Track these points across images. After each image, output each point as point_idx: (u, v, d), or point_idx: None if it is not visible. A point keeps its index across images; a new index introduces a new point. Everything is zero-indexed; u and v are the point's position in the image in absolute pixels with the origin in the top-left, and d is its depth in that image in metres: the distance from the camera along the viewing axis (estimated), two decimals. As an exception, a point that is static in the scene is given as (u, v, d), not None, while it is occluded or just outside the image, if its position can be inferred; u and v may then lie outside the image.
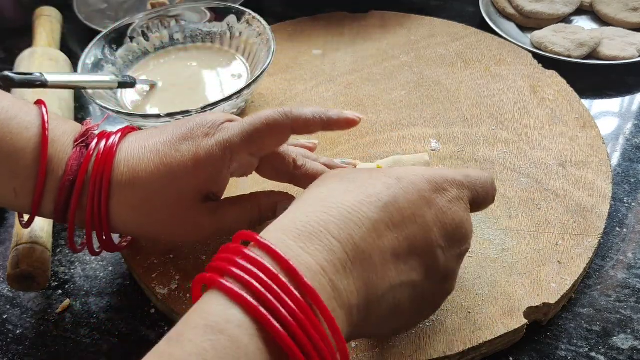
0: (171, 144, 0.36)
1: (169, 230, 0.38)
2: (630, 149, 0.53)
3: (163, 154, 0.36)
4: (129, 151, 0.37)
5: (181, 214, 0.37)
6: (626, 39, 0.63)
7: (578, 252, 0.42)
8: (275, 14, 0.70)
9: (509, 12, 0.68)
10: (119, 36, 0.57)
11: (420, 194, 0.30)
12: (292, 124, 0.37)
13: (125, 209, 0.36)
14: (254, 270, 0.25)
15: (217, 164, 0.36)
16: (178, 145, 0.36)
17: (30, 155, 0.35)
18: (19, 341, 0.41)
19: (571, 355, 0.39)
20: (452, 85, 0.57)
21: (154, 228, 0.37)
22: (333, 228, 0.27)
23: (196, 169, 0.36)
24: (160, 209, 0.36)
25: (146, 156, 0.36)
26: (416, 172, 0.31)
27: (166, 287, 0.41)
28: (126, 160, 0.36)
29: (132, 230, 0.39)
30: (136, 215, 0.37)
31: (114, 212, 0.36)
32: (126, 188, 0.36)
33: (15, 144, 0.35)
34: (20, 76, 0.43)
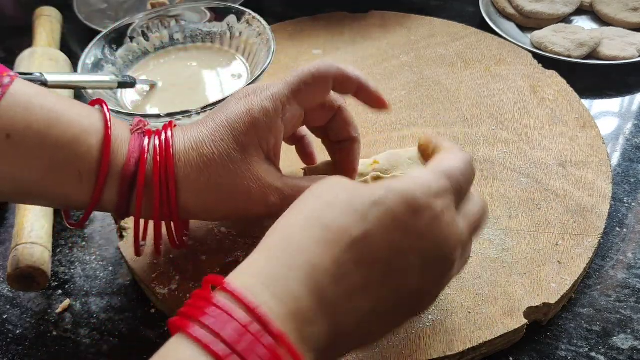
0: (224, 111, 0.37)
1: (237, 203, 0.37)
2: (630, 149, 0.53)
3: (219, 120, 0.37)
4: (183, 142, 0.37)
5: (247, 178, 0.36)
6: (626, 39, 0.63)
7: (578, 252, 0.42)
8: (275, 14, 0.70)
9: (509, 12, 0.68)
10: (119, 36, 0.57)
11: (395, 221, 0.28)
12: (335, 75, 0.39)
13: (193, 196, 0.36)
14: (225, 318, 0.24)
15: (271, 114, 0.37)
16: (231, 107, 0.37)
17: (94, 137, 0.35)
18: (19, 341, 0.41)
19: (571, 355, 0.39)
20: (452, 85, 0.57)
21: (223, 205, 0.37)
22: (301, 274, 0.26)
23: (252, 121, 0.36)
24: (226, 178, 0.36)
25: (204, 135, 0.36)
26: (396, 192, 0.29)
27: (166, 287, 0.41)
28: (185, 150, 0.36)
29: (201, 214, 0.39)
30: (205, 198, 0.36)
31: (183, 201, 0.36)
32: (191, 174, 0.36)
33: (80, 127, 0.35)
34: (20, 76, 0.43)
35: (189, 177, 0.36)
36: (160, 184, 0.35)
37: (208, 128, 0.37)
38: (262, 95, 0.37)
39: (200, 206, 0.37)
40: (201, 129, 0.37)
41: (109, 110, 0.37)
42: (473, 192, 0.34)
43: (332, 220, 0.27)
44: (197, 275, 0.42)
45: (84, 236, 0.48)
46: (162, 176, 0.35)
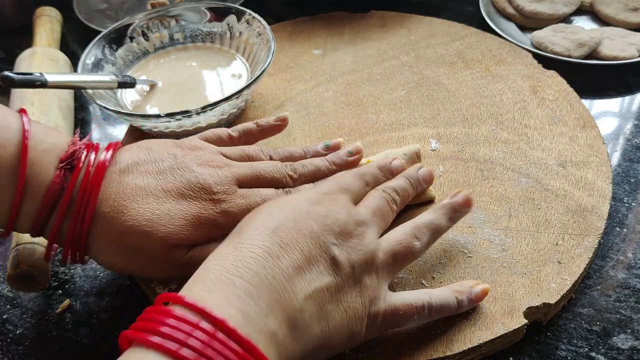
0: (172, 195, 0.36)
1: (142, 269, 0.38)
2: (630, 149, 0.53)
3: (162, 204, 0.36)
4: (121, 184, 0.36)
5: (159, 256, 0.36)
6: (626, 39, 0.63)
7: (578, 252, 0.42)
8: (275, 14, 0.70)
9: (509, 12, 0.68)
10: (119, 36, 0.57)
11: (299, 210, 0.33)
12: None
13: (103, 242, 0.36)
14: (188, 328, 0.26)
15: (219, 230, 0.37)
16: (180, 200, 0.36)
17: (6, 175, 0.34)
18: (19, 341, 0.41)
19: (571, 355, 0.39)
20: (452, 85, 0.57)
21: (127, 265, 0.37)
22: (231, 267, 0.29)
23: (196, 229, 0.36)
24: (140, 250, 0.36)
25: (140, 198, 0.35)
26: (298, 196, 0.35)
27: (166, 287, 0.41)
28: (117, 193, 0.35)
29: (105, 261, 0.38)
30: (112, 250, 0.36)
31: (92, 240, 0.36)
32: (110, 222, 0.35)
33: None
34: (20, 76, 0.43)
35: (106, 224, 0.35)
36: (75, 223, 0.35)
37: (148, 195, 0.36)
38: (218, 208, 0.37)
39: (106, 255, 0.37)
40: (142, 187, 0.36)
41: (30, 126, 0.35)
42: None
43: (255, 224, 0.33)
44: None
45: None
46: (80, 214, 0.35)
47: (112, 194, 0.35)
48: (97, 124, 0.60)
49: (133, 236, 0.35)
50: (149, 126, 0.51)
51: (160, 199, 0.36)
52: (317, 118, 0.55)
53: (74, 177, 0.35)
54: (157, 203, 0.36)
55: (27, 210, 0.35)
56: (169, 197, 0.36)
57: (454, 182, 0.47)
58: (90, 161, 0.36)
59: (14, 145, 0.34)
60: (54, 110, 0.53)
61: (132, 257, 0.36)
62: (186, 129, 0.51)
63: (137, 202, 0.35)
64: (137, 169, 0.37)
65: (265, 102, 0.57)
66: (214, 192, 0.37)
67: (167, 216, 0.35)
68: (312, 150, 0.44)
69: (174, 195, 0.36)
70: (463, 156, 0.50)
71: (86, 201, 0.35)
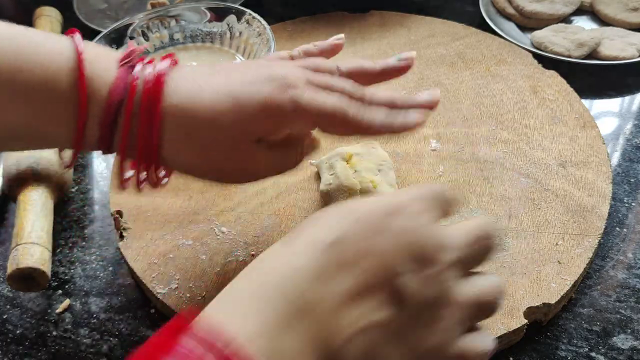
0: (244, 83, 0.34)
1: (218, 167, 0.36)
2: (630, 149, 0.53)
3: (234, 89, 0.34)
4: (186, 79, 0.34)
5: (237, 153, 0.35)
6: (626, 39, 0.63)
7: (578, 252, 0.42)
8: (275, 14, 0.70)
9: (509, 12, 0.68)
10: (119, 36, 0.57)
11: (371, 221, 0.27)
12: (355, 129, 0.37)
13: (177, 140, 0.34)
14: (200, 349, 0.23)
15: (286, 120, 0.35)
16: (252, 86, 0.34)
17: (66, 79, 0.32)
18: (19, 341, 0.41)
19: (571, 355, 0.39)
20: (452, 85, 0.57)
21: (203, 162, 0.35)
22: (278, 280, 0.25)
23: (265, 115, 0.34)
24: (217, 146, 0.34)
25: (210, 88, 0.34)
26: (371, 201, 0.29)
27: (166, 287, 0.41)
28: (184, 86, 0.34)
29: (181, 163, 0.36)
30: (187, 146, 0.34)
31: (164, 143, 0.34)
32: (183, 115, 0.33)
33: (51, 69, 0.32)
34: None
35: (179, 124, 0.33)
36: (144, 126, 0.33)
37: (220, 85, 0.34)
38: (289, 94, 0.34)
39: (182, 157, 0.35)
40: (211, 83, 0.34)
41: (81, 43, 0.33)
42: None
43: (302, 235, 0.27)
44: (197, 275, 0.42)
45: (84, 236, 0.48)
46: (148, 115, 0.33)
47: (179, 87, 0.34)
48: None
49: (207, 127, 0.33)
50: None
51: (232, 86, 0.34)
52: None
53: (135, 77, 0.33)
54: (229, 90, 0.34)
55: (94, 113, 0.33)
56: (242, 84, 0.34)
57: (454, 182, 0.47)
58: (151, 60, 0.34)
59: (70, 50, 0.33)
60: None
61: (208, 153, 0.35)
62: (186, 129, 0.51)
63: (207, 92, 0.34)
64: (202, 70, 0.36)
65: (265, 102, 0.57)
66: (285, 76, 0.35)
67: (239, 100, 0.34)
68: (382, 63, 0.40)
69: (246, 83, 0.34)
70: (463, 156, 0.50)
71: (153, 95, 0.33)
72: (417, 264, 0.27)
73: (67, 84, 0.32)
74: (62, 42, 0.33)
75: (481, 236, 0.30)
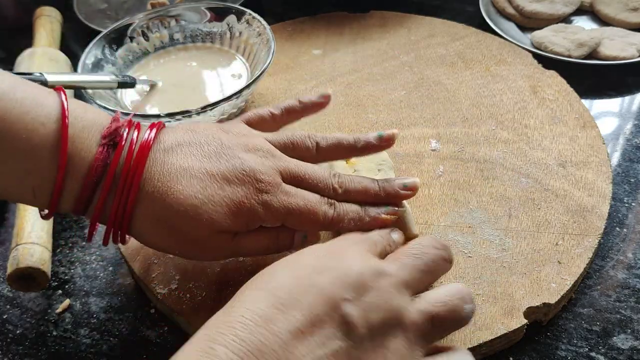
0: (216, 179, 0.35)
1: (185, 251, 0.37)
2: (630, 149, 0.53)
3: (206, 188, 0.34)
4: (165, 164, 0.35)
5: (202, 240, 0.35)
6: (626, 39, 0.63)
7: (578, 252, 0.42)
8: (275, 14, 0.70)
9: (509, 12, 0.68)
10: (119, 36, 0.57)
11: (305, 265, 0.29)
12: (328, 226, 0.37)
13: (147, 221, 0.35)
14: None
15: (257, 221, 0.36)
16: (224, 185, 0.35)
17: (47, 154, 0.33)
18: (19, 341, 0.41)
19: (571, 355, 0.39)
20: (452, 85, 0.57)
21: (170, 245, 0.36)
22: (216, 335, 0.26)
23: (235, 217, 0.35)
24: (183, 233, 0.35)
25: (185, 180, 0.34)
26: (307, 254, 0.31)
27: (166, 287, 0.41)
28: (162, 173, 0.34)
29: (148, 241, 0.37)
30: (156, 230, 0.35)
31: (135, 220, 0.35)
32: (154, 203, 0.34)
33: (31, 141, 0.32)
34: (20, 76, 0.43)
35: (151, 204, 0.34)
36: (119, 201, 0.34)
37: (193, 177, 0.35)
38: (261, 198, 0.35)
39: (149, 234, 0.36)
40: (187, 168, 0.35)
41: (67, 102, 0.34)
42: None
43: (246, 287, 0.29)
44: (197, 275, 0.42)
45: (84, 236, 0.48)
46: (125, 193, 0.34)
47: (156, 173, 0.34)
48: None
49: (177, 219, 0.34)
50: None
51: (205, 182, 0.34)
52: (317, 118, 0.55)
53: (117, 155, 0.34)
54: (202, 187, 0.34)
55: (70, 189, 0.34)
56: (213, 182, 0.35)
57: (454, 182, 0.47)
58: (133, 139, 0.35)
59: (53, 122, 0.33)
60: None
61: (175, 239, 0.35)
62: (186, 129, 0.51)
63: (182, 184, 0.34)
64: (181, 150, 0.36)
65: (265, 102, 0.57)
66: (258, 179, 0.35)
67: (210, 201, 0.34)
68: (363, 139, 0.40)
69: (218, 180, 0.35)
70: (463, 156, 0.50)
71: (130, 179, 0.34)
72: (356, 291, 0.28)
73: (48, 159, 0.33)
74: (47, 109, 0.33)
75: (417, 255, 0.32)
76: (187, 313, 0.39)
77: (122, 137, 0.34)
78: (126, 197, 0.34)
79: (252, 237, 0.37)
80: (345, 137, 0.40)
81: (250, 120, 0.41)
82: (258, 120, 0.41)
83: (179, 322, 0.41)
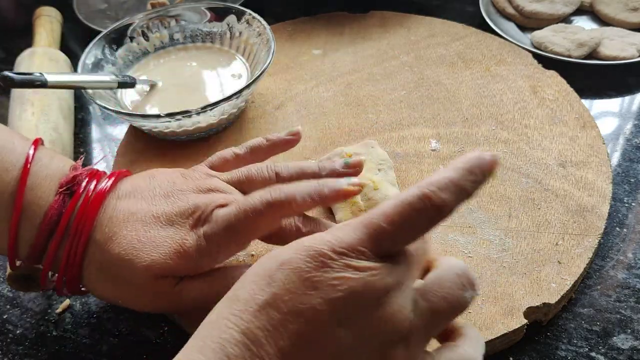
0: (160, 221, 0.35)
1: (129, 299, 0.36)
2: (630, 149, 0.53)
3: (148, 230, 0.34)
4: (116, 210, 0.35)
5: (143, 286, 0.35)
6: (626, 39, 0.63)
7: (578, 252, 0.42)
8: (275, 14, 0.70)
9: (509, 12, 0.68)
10: (119, 36, 0.57)
11: (301, 277, 0.25)
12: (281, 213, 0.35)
13: (93, 270, 0.35)
14: None
15: (202, 258, 0.34)
16: (166, 227, 0.35)
17: (7, 200, 0.34)
18: (19, 341, 0.41)
19: (571, 355, 0.39)
20: (452, 85, 0.57)
21: (115, 295, 0.36)
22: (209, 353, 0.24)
23: (179, 257, 0.34)
24: (125, 279, 0.34)
25: (130, 224, 0.34)
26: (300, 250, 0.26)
27: (166, 287, 0.41)
28: (110, 219, 0.35)
29: (95, 290, 0.37)
30: (100, 278, 0.35)
31: (84, 268, 0.35)
32: (100, 249, 0.34)
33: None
34: (20, 76, 0.43)
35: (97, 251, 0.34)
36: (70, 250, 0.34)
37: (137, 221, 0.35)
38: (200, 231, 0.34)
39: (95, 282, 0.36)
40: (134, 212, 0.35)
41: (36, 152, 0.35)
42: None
43: (241, 291, 0.26)
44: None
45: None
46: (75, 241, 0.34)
47: (105, 220, 0.35)
48: (97, 124, 0.60)
49: (119, 264, 0.34)
50: (149, 126, 0.51)
51: (148, 225, 0.34)
52: (317, 118, 0.55)
53: (73, 203, 0.34)
54: (145, 230, 0.34)
55: (25, 237, 0.34)
56: (157, 224, 0.35)
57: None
58: (90, 189, 0.35)
59: (17, 169, 0.34)
60: (54, 110, 0.53)
61: (120, 287, 0.35)
62: (186, 129, 0.51)
63: (127, 229, 0.34)
64: (133, 196, 0.36)
65: (265, 102, 0.57)
66: (194, 213, 0.35)
67: (152, 244, 0.34)
68: (328, 168, 0.39)
69: (162, 222, 0.35)
70: (463, 156, 0.50)
71: (81, 227, 0.34)
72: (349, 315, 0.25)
73: (6, 206, 0.34)
74: (15, 155, 0.35)
75: None
76: (187, 313, 0.39)
77: (79, 186, 0.35)
78: (77, 244, 0.34)
79: (197, 284, 0.35)
80: (308, 165, 0.39)
81: (214, 164, 0.41)
82: (221, 162, 0.41)
83: (179, 322, 0.41)
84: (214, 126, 0.52)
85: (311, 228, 0.38)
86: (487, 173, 0.27)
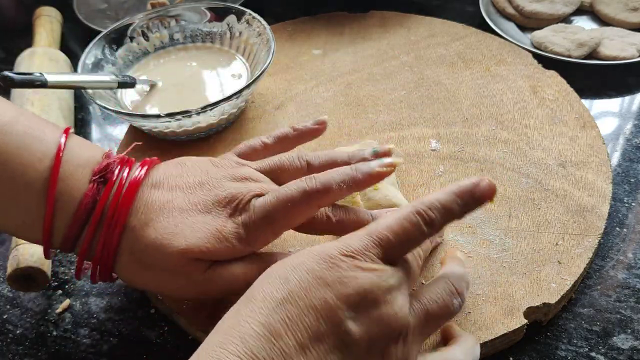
0: (197, 210, 0.35)
1: (161, 286, 0.36)
2: (630, 149, 0.53)
3: (187, 217, 0.35)
4: (151, 197, 0.35)
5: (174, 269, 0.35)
6: (626, 39, 0.63)
7: (578, 252, 0.42)
8: (275, 14, 0.70)
9: (509, 12, 0.68)
10: (119, 36, 0.57)
11: (314, 276, 0.28)
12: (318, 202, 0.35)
13: (128, 257, 0.35)
14: None
15: (240, 245, 0.35)
16: (204, 215, 0.35)
17: (41, 190, 0.34)
18: (19, 341, 0.41)
19: (571, 355, 0.39)
20: (452, 85, 0.57)
21: (148, 281, 0.36)
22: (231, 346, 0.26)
23: (217, 242, 0.34)
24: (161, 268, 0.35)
25: (167, 211, 0.35)
26: (311, 255, 0.29)
27: (166, 287, 0.41)
28: (146, 206, 0.35)
29: (127, 278, 0.37)
30: (135, 266, 0.35)
31: (118, 256, 0.35)
32: (135, 237, 0.34)
33: (26, 176, 0.33)
34: (20, 76, 0.43)
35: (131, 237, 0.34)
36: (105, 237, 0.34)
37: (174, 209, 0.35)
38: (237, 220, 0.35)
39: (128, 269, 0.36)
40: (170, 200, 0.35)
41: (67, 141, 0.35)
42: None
43: (257, 292, 0.28)
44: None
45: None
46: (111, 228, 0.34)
47: (140, 207, 0.35)
48: (97, 124, 0.60)
49: (154, 249, 0.34)
50: (149, 126, 0.51)
51: (185, 213, 0.35)
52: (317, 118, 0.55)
53: (107, 191, 0.34)
54: (182, 217, 0.34)
55: (59, 225, 0.34)
56: (194, 211, 0.35)
57: (454, 182, 0.47)
58: (123, 177, 0.35)
59: (49, 159, 0.34)
60: (54, 110, 0.53)
61: (153, 272, 0.35)
62: (186, 128, 0.51)
63: (163, 215, 0.34)
64: (167, 183, 0.36)
65: (265, 102, 0.57)
66: (233, 202, 0.35)
67: (190, 229, 0.34)
68: (358, 156, 0.39)
69: (199, 209, 0.35)
70: (463, 156, 0.50)
71: (117, 215, 0.34)
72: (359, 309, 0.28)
73: (40, 195, 0.34)
74: (45, 144, 0.34)
75: None
76: (187, 313, 0.39)
77: (113, 174, 0.35)
78: (112, 232, 0.34)
79: (231, 268, 0.36)
80: (339, 154, 0.40)
81: (242, 152, 0.41)
82: (250, 151, 0.41)
83: (179, 322, 0.41)
84: (214, 126, 0.52)
85: (340, 216, 0.38)
86: (479, 200, 0.31)
